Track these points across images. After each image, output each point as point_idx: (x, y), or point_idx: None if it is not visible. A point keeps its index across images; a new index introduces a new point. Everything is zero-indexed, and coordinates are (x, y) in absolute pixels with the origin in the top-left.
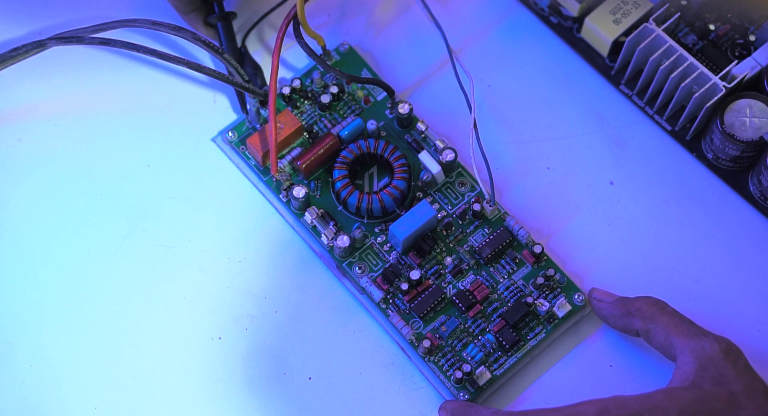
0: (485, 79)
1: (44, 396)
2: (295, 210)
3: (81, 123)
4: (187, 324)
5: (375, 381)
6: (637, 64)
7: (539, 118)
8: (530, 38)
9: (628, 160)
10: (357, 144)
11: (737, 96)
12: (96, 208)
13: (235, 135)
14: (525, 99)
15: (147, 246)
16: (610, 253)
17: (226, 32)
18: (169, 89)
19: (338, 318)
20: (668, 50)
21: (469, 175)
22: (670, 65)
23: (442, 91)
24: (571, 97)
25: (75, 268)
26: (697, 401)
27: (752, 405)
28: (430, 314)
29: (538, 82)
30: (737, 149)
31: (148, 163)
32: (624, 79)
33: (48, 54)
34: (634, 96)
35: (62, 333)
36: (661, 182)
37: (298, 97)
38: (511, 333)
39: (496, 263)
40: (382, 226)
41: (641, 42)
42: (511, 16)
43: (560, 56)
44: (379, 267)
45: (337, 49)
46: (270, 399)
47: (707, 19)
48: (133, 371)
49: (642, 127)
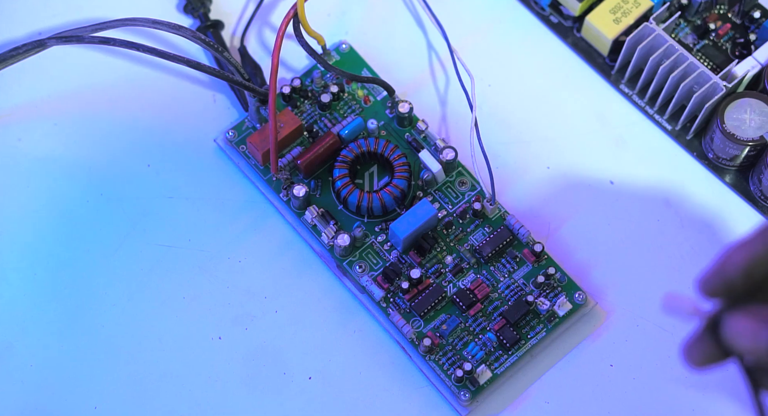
0: (485, 78)
1: (44, 396)
2: (296, 209)
3: (81, 123)
4: (187, 324)
5: (375, 381)
6: (638, 63)
7: (539, 117)
8: (530, 38)
9: (628, 160)
10: (357, 143)
11: (737, 95)
12: (96, 208)
13: (235, 134)
14: (525, 98)
15: (147, 246)
16: (610, 253)
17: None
18: (169, 89)
19: (338, 318)
20: (668, 50)
21: (469, 174)
22: (670, 65)
23: (442, 90)
24: (571, 96)
25: (75, 268)
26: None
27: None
28: (431, 313)
29: (538, 81)
30: (737, 149)
31: (148, 163)
32: (624, 79)
33: (48, 54)
34: (634, 95)
35: (62, 333)
36: (661, 182)
37: (298, 96)
38: (512, 332)
39: (496, 262)
40: (383, 225)
41: (641, 41)
42: (511, 15)
43: (560, 56)
44: (380, 266)
45: (337, 48)
46: (270, 398)
47: (707, 19)
48: (133, 371)
49: (642, 126)
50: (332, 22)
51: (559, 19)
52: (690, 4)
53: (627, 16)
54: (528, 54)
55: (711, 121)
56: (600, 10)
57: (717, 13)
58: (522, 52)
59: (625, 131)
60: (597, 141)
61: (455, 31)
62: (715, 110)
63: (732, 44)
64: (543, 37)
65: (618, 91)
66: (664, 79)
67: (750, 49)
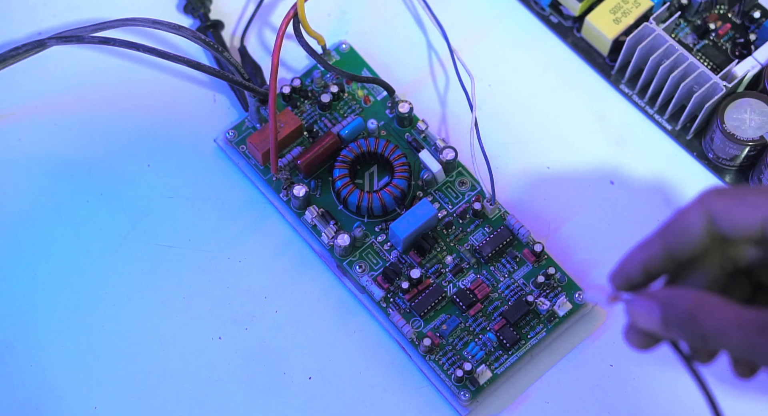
0: (485, 78)
1: (44, 396)
2: (296, 209)
3: (81, 123)
4: (187, 324)
5: (375, 381)
6: (638, 63)
7: (539, 117)
8: (530, 38)
9: (628, 160)
10: (357, 143)
11: (737, 95)
12: (96, 208)
13: (235, 134)
14: (525, 98)
15: (147, 245)
16: (610, 253)
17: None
18: (169, 89)
19: (338, 318)
20: (668, 50)
21: (469, 174)
22: (670, 65)
23: (442, 90)
24: (571, 96)
25: (75, 268)
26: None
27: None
28: (431, 313)
29: (538, 81)
30: (737, 149)
31: (148, 163)
32: (624, 79)
33: (48, 54)
34: (634, 95)
35: (62, 333)
36: (661, 182)
37: (298, 96)
38: (512, 332)
39: (496, 262)
40: (383, 225)
41: (641, 41)
42: (511, 15)
43: (560, 56)
44: (380, 266)
45: (337, 48)
46: (270, 398)
47: (707, 19)
48: (133, 371)
49: (642, 126)
50: (332, 22)
51: (559, 19)
52: (690, 4)
53: (627, 16)
54: (528, 54)
55: (711, 121)
56: (600, 10)
57: (717, 13)
58: (522, 52)
59: (625, 131)
60: (597, 141)
61: (455, 31)
62: (715, 110)
63: (732, 44)
64: (543, 37)
65: (618, 91)
66: (664, 79)
67: (750, 49)
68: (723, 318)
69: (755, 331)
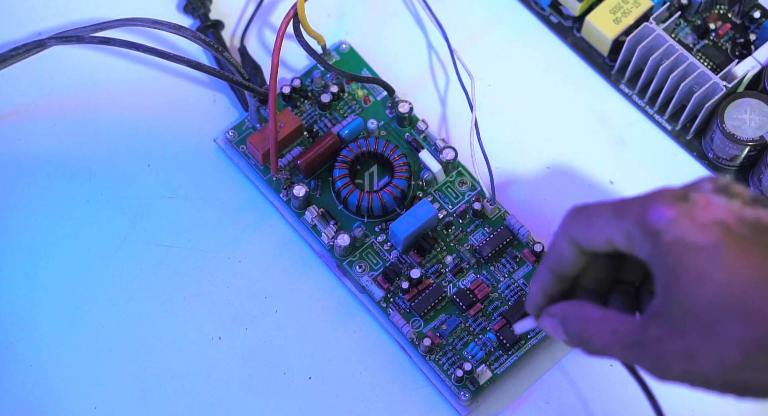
0: (485, 78)
1: (44, 396)
2: (296, 209)
3: (81, 123)
4: (187, 324)
5: (375, 381)
6: (638, 63)
7: (539, 117)
8: (530, 38)
9: (628, 160)
10: (357, 143)
11: (737, 95)
12: (96, 208)
13: (235, 134)
14: (525, 98)
15: (147, 245)
16: None
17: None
18: (169, 89)
19: (338, 318)
20: (668, 50)
21: (469, 174)
22: (670, 65)
23: (442, 90)
24: (571, 96)
25: (75, 268)
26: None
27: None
28: (431, 313)
29: (538, 81)
30: (737, 149)
31: (148, 163)
32: (624, 79)
33: (48, 54)
34: (634, 95)
35: (62, 333)
36: (661, 182)
37: (298, 96)
38: (512, 332)
39: (496, 262)
40: (383, 225)
41: (641, 41)
42: (511, 15)
43: (560, 56)
44: (380, 266)
45: (337, 48)
46: (270, 398)
47: (707, 19)
48: (133, 371)
49: (642, 126)
50: (332, 22)
51: (559, 19)
52: (690, 4)
53: (627, 16)
54: (528, 54)
55: (711, 121)
56: (600, 10)
57: (717, 13)
58: (522, 52)
59: (625, 131)
60: (597, 141)
61: (455, 31)
62: (715, 110)
63: (732, 44)
64: (543, 37)
65: (618, 91)
66: (664, 79)
67: (750, 49)
68: (603, 338)
69: (628, 350)
